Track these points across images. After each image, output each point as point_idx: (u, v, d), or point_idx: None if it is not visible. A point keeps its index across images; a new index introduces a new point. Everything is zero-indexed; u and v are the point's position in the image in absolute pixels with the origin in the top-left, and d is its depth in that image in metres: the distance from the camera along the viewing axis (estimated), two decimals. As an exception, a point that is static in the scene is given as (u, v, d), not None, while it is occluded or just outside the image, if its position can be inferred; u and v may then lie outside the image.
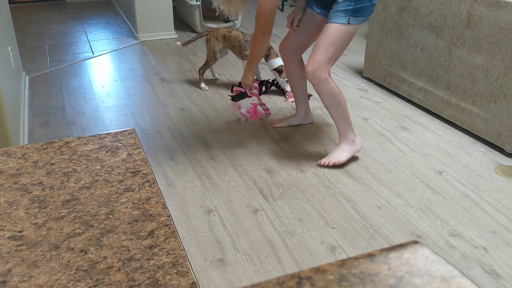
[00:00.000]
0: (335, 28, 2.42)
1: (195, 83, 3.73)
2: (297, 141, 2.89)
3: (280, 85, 3.53)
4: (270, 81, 3.60)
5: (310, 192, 2.41)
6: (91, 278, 0.72)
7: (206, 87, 3.61)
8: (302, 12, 2.72)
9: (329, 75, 2.50)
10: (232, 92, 3.53)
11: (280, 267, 1.94)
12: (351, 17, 2.40)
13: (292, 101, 3.36)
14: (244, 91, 3.36)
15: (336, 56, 2.49)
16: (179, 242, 0.80)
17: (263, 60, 3.44)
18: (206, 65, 3.58)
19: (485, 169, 2.61)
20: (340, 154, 2.61)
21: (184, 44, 3.67)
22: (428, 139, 2.92)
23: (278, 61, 3.38)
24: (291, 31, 2.78)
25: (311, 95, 3.36)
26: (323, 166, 2.63)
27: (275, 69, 3.42)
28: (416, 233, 2.14)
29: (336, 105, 2.52)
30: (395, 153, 2.77)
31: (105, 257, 0.76)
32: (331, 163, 2.60)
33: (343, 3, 2.38)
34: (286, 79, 3.32)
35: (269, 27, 2.51)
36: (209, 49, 3.53)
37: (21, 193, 0.93)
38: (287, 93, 3.46)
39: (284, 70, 3.28)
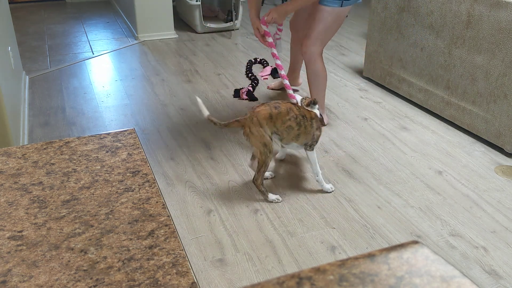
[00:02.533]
0: (328, 12, 2.69)
1: (195, 83, 3.74)
2: (297, 141, 2.89)
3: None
4: (259, 59, 3.93)
5: (310, 192, 2.41)
6: (91, 278, 0.72)
7: (279, 199, 2.35)
8: (258, 18, 2.84)
9: (321, 56, 2.84)
10: (238, 96, 3.48)
11: (280, 267, 1.94)
12: (344, 1, 2.66)
13: (264, 78, 3.78)
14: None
15: (328, 37, 2.81)
16: (179, 242, 0.80)
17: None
18: (261, 168, 2.28)
19: (485, 169, 2.61)
20: None
21: (213, 122, 2.29)
22: (428, 139, 2.92)
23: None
24: (298, 12, 3.05)
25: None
26: None
27: None
28: (416, 233, 2.14)
29: (317, 83, 2.89)
30: (395, 153, 2.77)
31: (105, 257, 0.76)
32: None
33: None
34: None
35: None
36: (256, 143, 2.25)
37: (21, 193, 0.93)
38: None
39: None
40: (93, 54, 4.44)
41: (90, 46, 4.67)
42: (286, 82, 2.79)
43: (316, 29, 2.73)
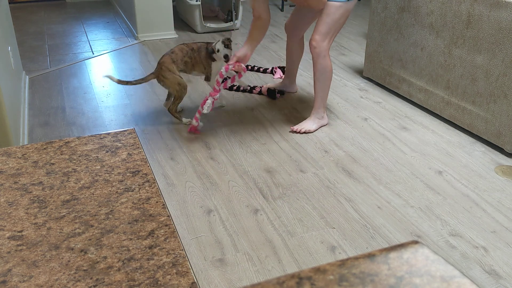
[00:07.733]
0: (335, 7, 2.77)
1: (195, 83, 3.73)
2: (297, 141, 2.89)
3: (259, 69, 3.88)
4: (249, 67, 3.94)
5: (310, 192, 2.41)
6: (91, 278, 0.72)
7: (191, 121, 2.99)
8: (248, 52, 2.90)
9: (328, 51, 2.88)
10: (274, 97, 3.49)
11: (280, 267, 1.94)
12: None
13: (279, 77, 3.78)
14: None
15: (336, 32, 2.86)
16: (179, 242, 0.80)
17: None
18: (177, 100, 3.01)
19: (485, 169, 2.61)
20: (311, 125, 3.00)
21: (120, 82, 3.03)
22: (428, 139, 2.92)
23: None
24: (294, 14, 3.16)
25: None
26: (295, 132, 2.97)
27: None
28: (416, 233, 2.14)
29: (324, 80, 2.91)
30: (395, 153, 2.77)
31: (105, 257, 0.76)
32: (302, 130, 2.97)
33: None
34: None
35: (256, 11, 2.83)
36: (171, 85, 2.97)
37: (21, 193, 0.93)
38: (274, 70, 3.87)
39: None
40: (93, 54, 4.44)
41: (90, 46, 4.67)
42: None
43: (325, 24, 2.79)
